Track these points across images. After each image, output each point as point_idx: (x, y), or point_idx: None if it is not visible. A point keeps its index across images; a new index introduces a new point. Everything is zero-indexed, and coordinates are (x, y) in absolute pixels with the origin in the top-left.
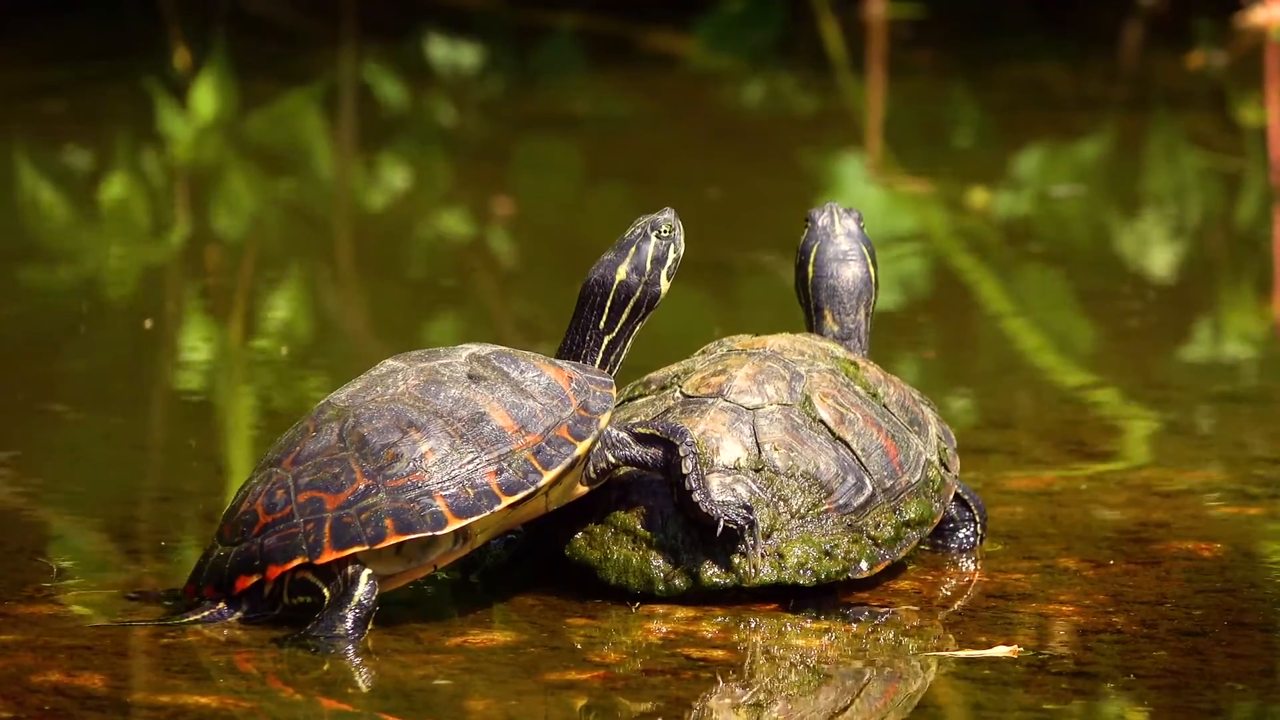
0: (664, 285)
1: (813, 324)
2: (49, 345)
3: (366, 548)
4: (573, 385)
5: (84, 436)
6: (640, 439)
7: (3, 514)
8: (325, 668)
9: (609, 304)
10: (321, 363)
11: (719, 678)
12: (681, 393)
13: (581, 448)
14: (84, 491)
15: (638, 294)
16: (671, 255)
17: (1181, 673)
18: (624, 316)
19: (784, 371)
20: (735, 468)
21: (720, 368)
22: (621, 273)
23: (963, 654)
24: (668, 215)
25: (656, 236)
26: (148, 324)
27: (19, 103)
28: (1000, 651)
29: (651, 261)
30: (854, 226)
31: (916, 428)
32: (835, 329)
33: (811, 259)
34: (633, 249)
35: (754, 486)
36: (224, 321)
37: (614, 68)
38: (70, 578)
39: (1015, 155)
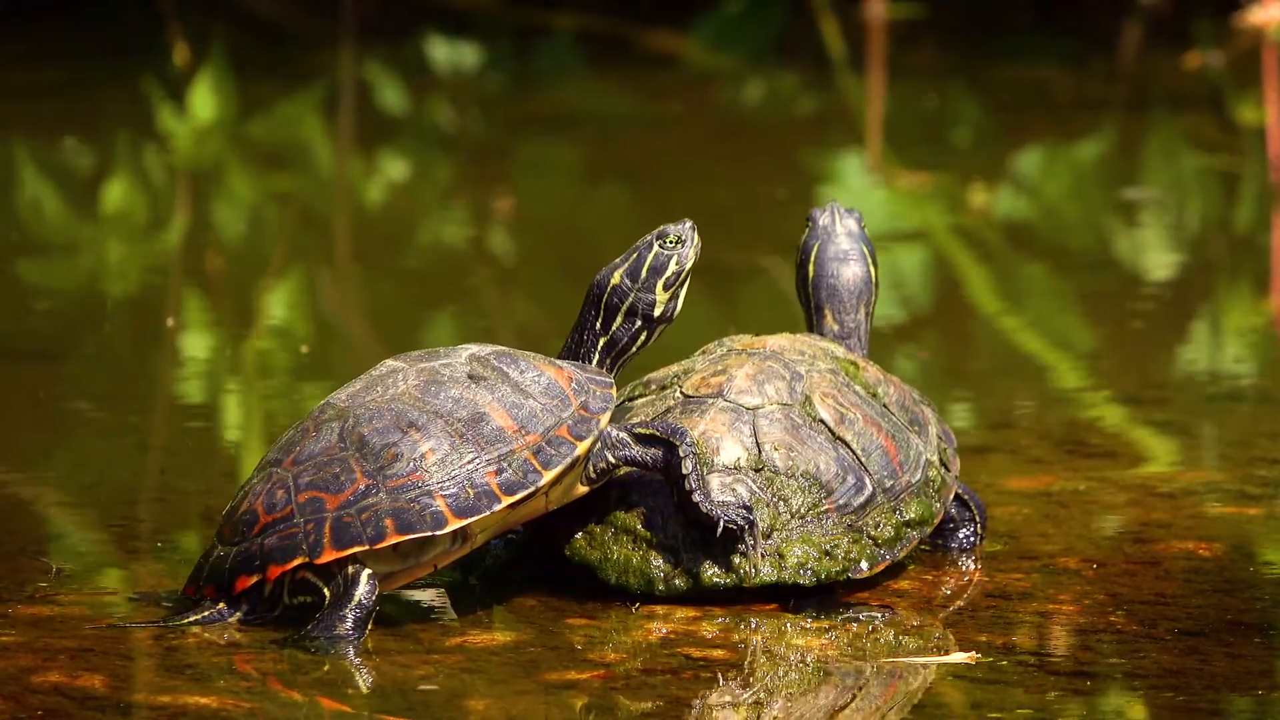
0: (659, 295)
1: (813, 323)
2: (59, 344)
3: (367, 547)
4: (573, 385)
5: (87, 436)
6: (640, 439)
7: (3, 514)
8: (325, 668)
9: (602, 307)
10: (321, 363)
11: (719, 678)
12: (681, 393)
13: (581, 448)
14: (85, 491)
15: (629, 300)
16: (672, 267)
17: (1181, 673)
18: (617, 322)
19: (784, 371)
20: (735, 468)
21: (720, 368)
22: (616, 276)
23: (920, 660)
24: (680, 226)
25: (660, 245)
26: (170, 322)
27: (19, 102)
28: (958, 658)
29: (648, 269)
30: (855, 226)
31: (916, 428)
32: (835, 328)
33: (812, 258)
34: (635, 254)
35: (754, 486)
36: (226, 321)
37: (614, 68)
38: (70, 578)
39: (1015, 154)
